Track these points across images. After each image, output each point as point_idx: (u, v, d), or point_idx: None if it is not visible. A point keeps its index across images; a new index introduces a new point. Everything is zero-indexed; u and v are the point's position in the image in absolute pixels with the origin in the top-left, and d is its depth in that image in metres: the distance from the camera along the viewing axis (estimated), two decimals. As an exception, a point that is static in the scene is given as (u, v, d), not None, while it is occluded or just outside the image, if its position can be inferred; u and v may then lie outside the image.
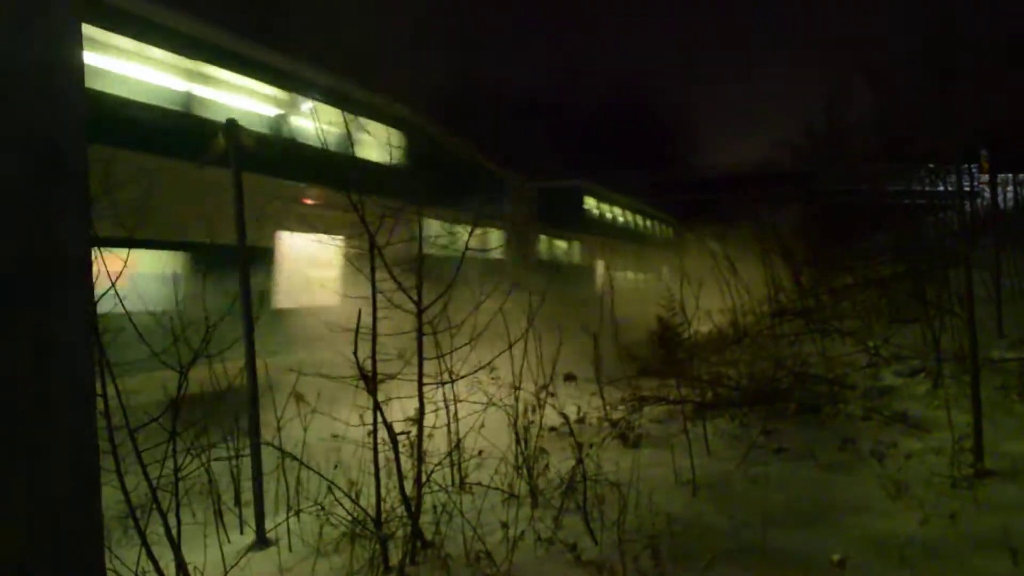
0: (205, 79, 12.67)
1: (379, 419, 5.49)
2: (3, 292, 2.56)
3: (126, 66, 11.14)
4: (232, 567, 5.17)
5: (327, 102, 14.39)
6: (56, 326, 2.64)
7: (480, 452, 7.10)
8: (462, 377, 6.58)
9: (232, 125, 6.27)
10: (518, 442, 6.97)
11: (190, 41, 12.28)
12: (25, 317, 2.59)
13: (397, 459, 5.54)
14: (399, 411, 5.83)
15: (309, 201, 13.65)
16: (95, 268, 3.02)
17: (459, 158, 22.18)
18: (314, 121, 13.81)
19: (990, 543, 5.36)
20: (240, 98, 13.56)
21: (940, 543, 5.40)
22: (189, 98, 12.30)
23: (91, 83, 9.83)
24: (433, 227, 8.23)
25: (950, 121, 10.29)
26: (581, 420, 9.50)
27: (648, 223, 49.36)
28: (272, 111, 14.33)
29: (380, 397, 5.48)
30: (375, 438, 5.52)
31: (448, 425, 7.11)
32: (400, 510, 5.54)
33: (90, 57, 10.02)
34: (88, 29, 9.53)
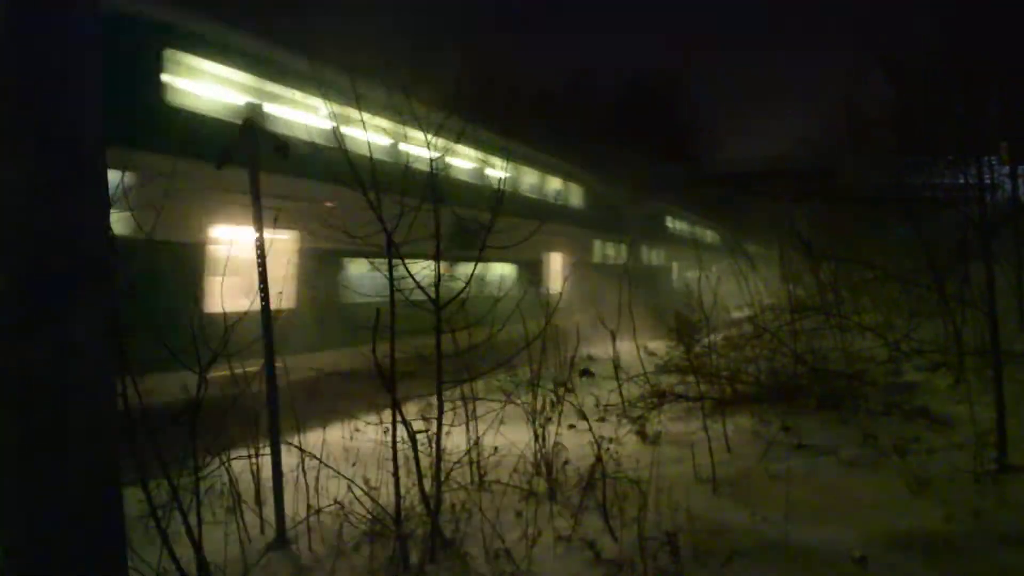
0: None
1: (398, 417, 5.49)
2: (23, 293, 2.58)
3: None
4: (253, 566, 5.20)
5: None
6: (76, 327, 2.66)
7: (496, 449, 7.07)
8: (481, 375, 6.58)
9: (250, 125, 6.25)
10: (536, 439, 6.96)
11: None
12: (45, 318, 2.60)
13: (416, 457, 5.53)
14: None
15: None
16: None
17: None
18: None
19: (1015, 539, 5.31)
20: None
21: (964, 539, 5.35)
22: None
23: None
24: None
25: (971, 113, 10.18)
26: (601, 418, 9.47)
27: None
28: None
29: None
30: (394, 436, 5.52)
31: (467, 423, 7.10)
32: (419, 508, 5.54)
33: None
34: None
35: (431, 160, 5.91)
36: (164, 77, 9.90)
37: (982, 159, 11.14)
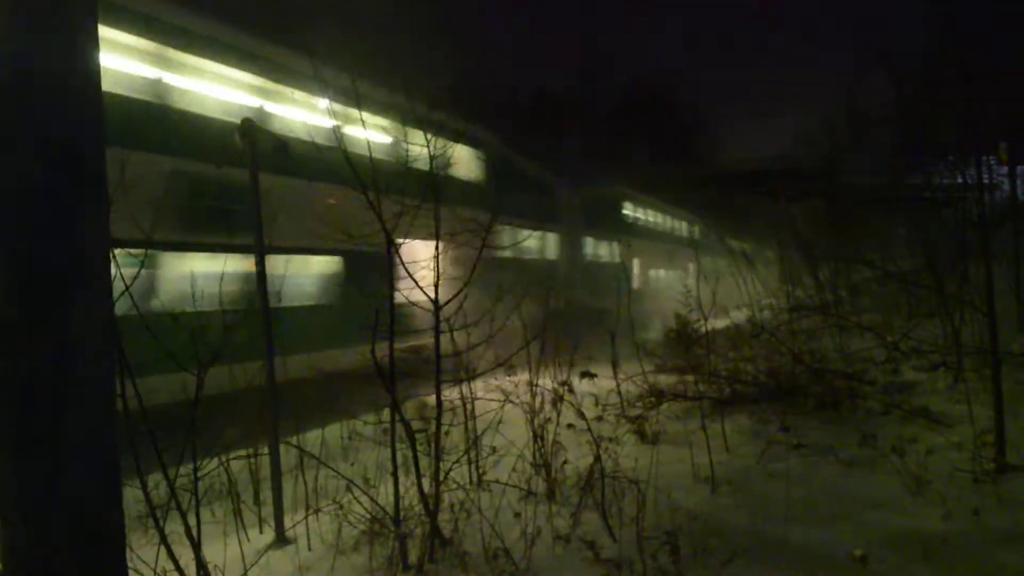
0: None
1: (396, 416, 5.49)
2: (22, 293, 2.58)
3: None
4: (252, 566, 5.20)
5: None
6: (75, 327, 2.66)
7: (495, 449, 7.06)
8: (480, 375, 6.58)
9: (249, 125, 6.22)
10: (535, 439, 6.96)
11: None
12: (44, 318, 2.60)
13: (415, 457, 5.54)
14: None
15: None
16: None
17: None
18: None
19: (1013, 538, 5.32)
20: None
21: (962, 539, 5.35)
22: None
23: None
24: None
25: (970, 113, 10.20)
26: (599, 417, 9.47)
27: None
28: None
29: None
30: (393, 436, 5.53)
31: (465, 422, 7.10)
32: (418, 508, 5.54)
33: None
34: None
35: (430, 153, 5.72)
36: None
37: (981, 159, 11.15)
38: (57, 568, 2.65)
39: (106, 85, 2.80)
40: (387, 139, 11.32)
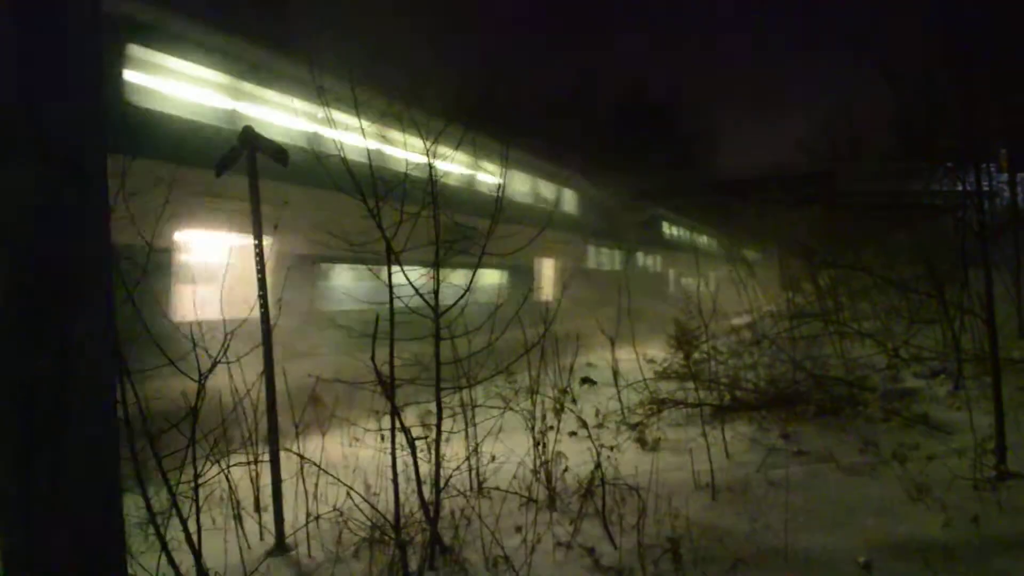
0: None
1: (397, 424, 5.49)
2: (22, 297, 2.58)
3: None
4: (252, 572, 5.19)
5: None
6: (76, 331, 2.66)
7: (494, 458, 7.05)
8: (480, 382, 6.57)
9: (249, 131, 6.22)
10: (536, 446, 6.95)
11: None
12: (44, 322, 2.60)
13: (415, 464, 5.53)
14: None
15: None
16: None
17: None
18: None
19: (1014, 546, 5.31)
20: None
21: (963, 546, 5.35)
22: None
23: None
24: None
25: (970, 119, 10.20)
26: (600, 424, 9.46)
27: None
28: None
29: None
30: (393, 443, 5.52)
31: (466, 429, 7.09)
32: (419, 515, 5.54)
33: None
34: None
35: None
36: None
37: (981, 166, 11.16)
38: (57, 573, 2.64)
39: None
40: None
